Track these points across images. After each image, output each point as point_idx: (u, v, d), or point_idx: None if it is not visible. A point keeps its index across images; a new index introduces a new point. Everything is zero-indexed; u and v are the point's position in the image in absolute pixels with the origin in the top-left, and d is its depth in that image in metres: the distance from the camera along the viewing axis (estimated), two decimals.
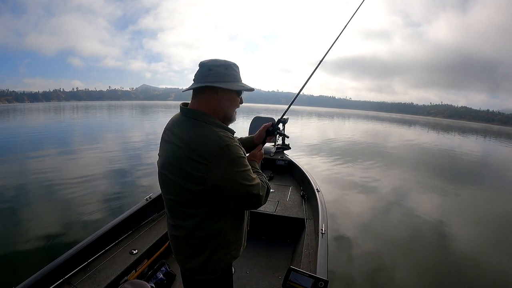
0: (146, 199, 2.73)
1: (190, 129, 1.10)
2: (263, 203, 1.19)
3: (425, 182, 8.23)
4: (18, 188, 6.04)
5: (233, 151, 1.05)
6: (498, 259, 3.96)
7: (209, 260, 1.18)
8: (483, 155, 16.68)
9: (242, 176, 1.08)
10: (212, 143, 1.03)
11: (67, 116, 34.06)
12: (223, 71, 1.12)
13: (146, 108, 65.52)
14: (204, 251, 1.16)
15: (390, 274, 3.46)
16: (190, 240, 1.16)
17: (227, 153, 1.03)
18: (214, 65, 1.12)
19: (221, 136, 1.06)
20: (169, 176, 1.11)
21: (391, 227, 4.79)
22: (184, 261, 1.21)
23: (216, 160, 1.02)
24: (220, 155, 1.02)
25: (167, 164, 1.13)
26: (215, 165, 1.02)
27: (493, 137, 38.26)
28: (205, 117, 1.12)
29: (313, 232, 2.59)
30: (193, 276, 1.23)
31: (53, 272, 1.78)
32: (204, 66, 1.13)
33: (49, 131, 18.16)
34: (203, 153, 1.02)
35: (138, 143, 12.78)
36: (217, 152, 1.02)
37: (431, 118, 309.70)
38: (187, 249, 1.19)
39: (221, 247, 1.18)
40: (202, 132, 1.07)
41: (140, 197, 3.20)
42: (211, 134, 1.07)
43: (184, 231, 1.16)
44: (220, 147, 1.03)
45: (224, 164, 1.03)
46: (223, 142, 1.04)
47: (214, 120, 1.13)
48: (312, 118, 50.89)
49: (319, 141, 15.71)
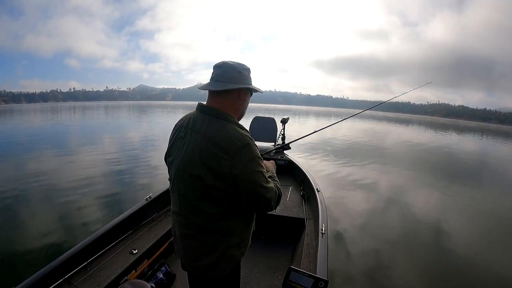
0: (146, 199, 2.72)
1: (213, 126, 1.13)
2: (273, 208, 1.21)
3: (424, 181, 8.27)
4: (18, 188, 6.01)
5: (254, 150, 1.12)
6: (495, 257, 3.98)
7: (221, 258, 1.19)
8: (481, 154, 16.77)
9: (259, 176, 1.12)
10: (237, 140, 1.09)
11: (65, 117, 33.91)
12: (247, 74, 1.21)
13: (144, 108, 65.39)
14: (217, 249, 1.18)
15: (390, 273, 3.48)
16: (204, 238, 1.17)
17: (249, 151, 1.09)
18: (242, 68, 1.19)
19: (244, 135, 1.12)
20: (189, 171, 1.13)
21: (390, 227, 4.80)
22: (195, 259, 1.22)
23: (238, 155, 1.07)
24: (242, 152, 1.08)
25: (186, 160, 1.14)
26: (237, 160, 1.07)
27: (491, 136, 38.41)
28: (227, 116, 1.16)
29: (313, 232, 2.59)
30: (203, 275, 1.23)
31: (53, 272, 1.78)
32: (232, 68, 1.17)
33: (47, 132, 18.11)
34: (227, 149, 1.07)
35: (136, 144, 12.75)
36: (240, 148, 1.07)
37: (428, 117, 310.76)
38: (200, 247, 1.19)
39: (233, 246, 1.20)
40: (225, 129, 1.12)
41: (140, 197, 3.19)
42: (234, 131, 1.12)
43: (197, 229, 1.17)
44: (243, 145, 1.08)
45: (245, 160, 1.08)
46: (245, 140, 1.10)
47: (234, 119, 1.19)
48: (310, 117, 50.89)
49: (318, 141, 15.71)
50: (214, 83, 1.17)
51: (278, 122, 4.85)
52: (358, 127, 29.33)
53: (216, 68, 1.18)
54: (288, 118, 5.29)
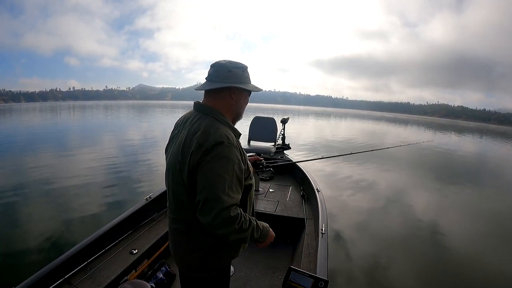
0: (146, 199, 2.72)
1: (199, 123, 1.14)
2: (217, 230, 1.04)
3: (423, 181, 8.28)
4: (17, 188, 6.00)
5: (226, 151, 1.07)
6: (494, 257, 3.99)
7: (208, 257, 1.18)
8: (480, 154, 16.79)
9: (218, 180, 1.03)
10: (212, 136, 1.07)
11: (64, 117, 33.86)
12: (240, 73, 1.19)
13: (144, 108, 65.33)
14: (203, 247, 1.17)
15: (390, 273, 3.48)
16: (191, 234, 1.17)
17: (220, 149, 1.06)
18: (233, 66, 1.17)
19: (222, 134, 1.09)
20: (174, 166, 1.14)
21: (390, 227, 4.81)
22: (183, 256, 1.22)
23: (208, 152, 1.05)
24: (214, 149, 1.05)
25: (174, 155, 1.16)
26: (205, 157, 1.05)
27: (490, 136, 38.46)
28: (217, 114, 1.16)
29: (313, 232, 2.59)
30: (190, 274, 1.23)
31: (53, 272, 1.78)
32: (223, 67, 1.17)
33: (46, 131, 18.05)
34: (201, 144, 1.06)
35: (136, 144, 12.73)
36: (213, 145, 1.05)
37: (428, 117, 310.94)
38: (187, 243, 1.20)
39: (220, 245, 1.19)
40: (207, 126, 1.11)
41: (140, 197, 3.19)
42: (213, 128, 1.10)
43: (185, 224, 1.17)
44: (216, 142, 1.06)
45: (209, 158, 1.05)
46: (221, 138, 1.07)
47: (225, 118, 1.18)
48: (309, 117, 50.91)
49: (318, 140, 15.74)
50: (206, 82, 1.19)
51: (278, 122, 4.85)
52: (358, 127, 29.36)
53: (210, 68, 1.21)
54: (288, 118, 5.29)
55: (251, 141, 4.50)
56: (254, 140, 4.51)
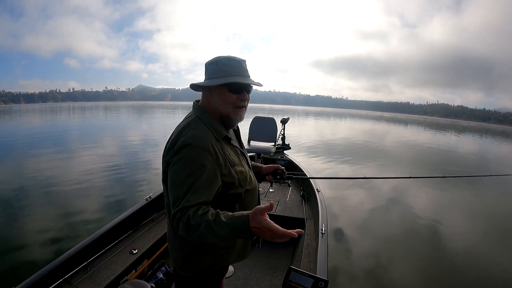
0: (146, 199, 2.72)
1: (184, 122, 1.14)
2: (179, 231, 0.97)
3: (423, 181, 8.26)
4: (17, 189, 6.00)
5: (192, 153, 1.01)
6: (495, 256, 3.98)
7: (188, 258, 1.17)
8: (480, 154, 16.78)
9: (179, 181, 1.01)
10: (183, 137, 1.05)
11: (64, 118, 33.86)
12: (213, 68, 1.13)
13: (143, 109, 65.36)
14: (185, 246, 1.16)
15: (390, 273, 3.48)
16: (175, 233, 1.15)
17: (185, 151, 1.02)
18: (208, 63, 1.15)
19: (193, 135, 1.05)
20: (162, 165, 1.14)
21: (390, 226, 4.81)
22: (171, 251, 1.24)
23: (176, 153, 1.03)
24: (180, 150, 1.02)
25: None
26: (174, 157, 1.03)
27: (489, 135, 38.45)
28: (200, 113, 1.15)
29: (313, 232, 2.59)
30: (179, 272, 1.23)
31: (53, 272, 1.78)
32: (206, 64, 1.17)
33: (46, 132, 18.05)
34: (173, 144, 1.06)
35: (136, 144, 12.71)
36: (180, 147, 1.03)
37: (428, 117, 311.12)
38: (172, 239, 1.21)
39: (202, 249, 1.15)
40: (184, 126, 1.11)
41: (140, 197, 3.19)
42: (188, 129, 1.08)
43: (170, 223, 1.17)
44: (184, 144, 1.03)
45: (177, 158, 1.03)
46: (189, 140, 1.03)
47: (208, 117, 1.15)
48: (309, 118, 50.95)
49: (318, 140, 15.74)
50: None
51: (278, 122, 4.85)
52: (357, 127, 29.36)
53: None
54: (288, 118, 5.30)
55: (251, 141, 4.50)
56: (254, 140, 4.51)
